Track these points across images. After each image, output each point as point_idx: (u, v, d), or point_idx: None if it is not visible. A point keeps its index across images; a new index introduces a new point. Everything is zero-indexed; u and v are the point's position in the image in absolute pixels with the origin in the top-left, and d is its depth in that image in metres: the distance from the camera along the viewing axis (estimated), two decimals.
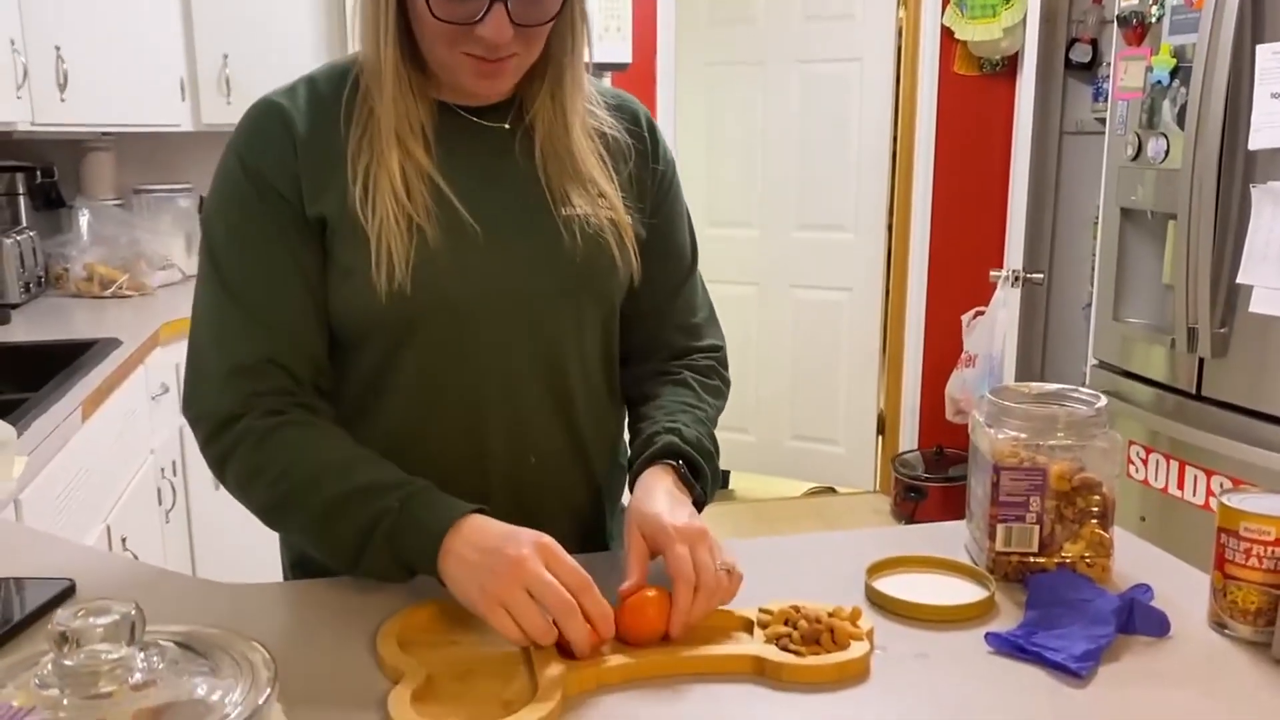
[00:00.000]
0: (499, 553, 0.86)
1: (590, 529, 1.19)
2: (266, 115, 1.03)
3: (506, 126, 1.07)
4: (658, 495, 1.00)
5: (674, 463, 1.05)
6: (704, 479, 1.07)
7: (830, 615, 0.91)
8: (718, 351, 1.22)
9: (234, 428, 0.98)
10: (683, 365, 1.18)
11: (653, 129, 1.16)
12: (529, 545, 0.87)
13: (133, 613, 0.58)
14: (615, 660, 0.86)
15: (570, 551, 1.13)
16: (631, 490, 1.05)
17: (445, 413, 1.07)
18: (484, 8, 0.94)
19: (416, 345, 1.04)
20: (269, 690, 0.59)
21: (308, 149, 1.01)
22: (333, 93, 1.04)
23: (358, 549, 0.94)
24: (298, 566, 1.17)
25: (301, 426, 1.00)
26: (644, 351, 1.19)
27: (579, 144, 1.07)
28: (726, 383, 1.21)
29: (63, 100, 2.60)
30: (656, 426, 1.09)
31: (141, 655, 0.59)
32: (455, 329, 1.04)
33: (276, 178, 1.01)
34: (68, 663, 0.57)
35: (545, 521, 1.13)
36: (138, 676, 0.58)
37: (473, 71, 0.99)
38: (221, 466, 1.00)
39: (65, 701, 0.56)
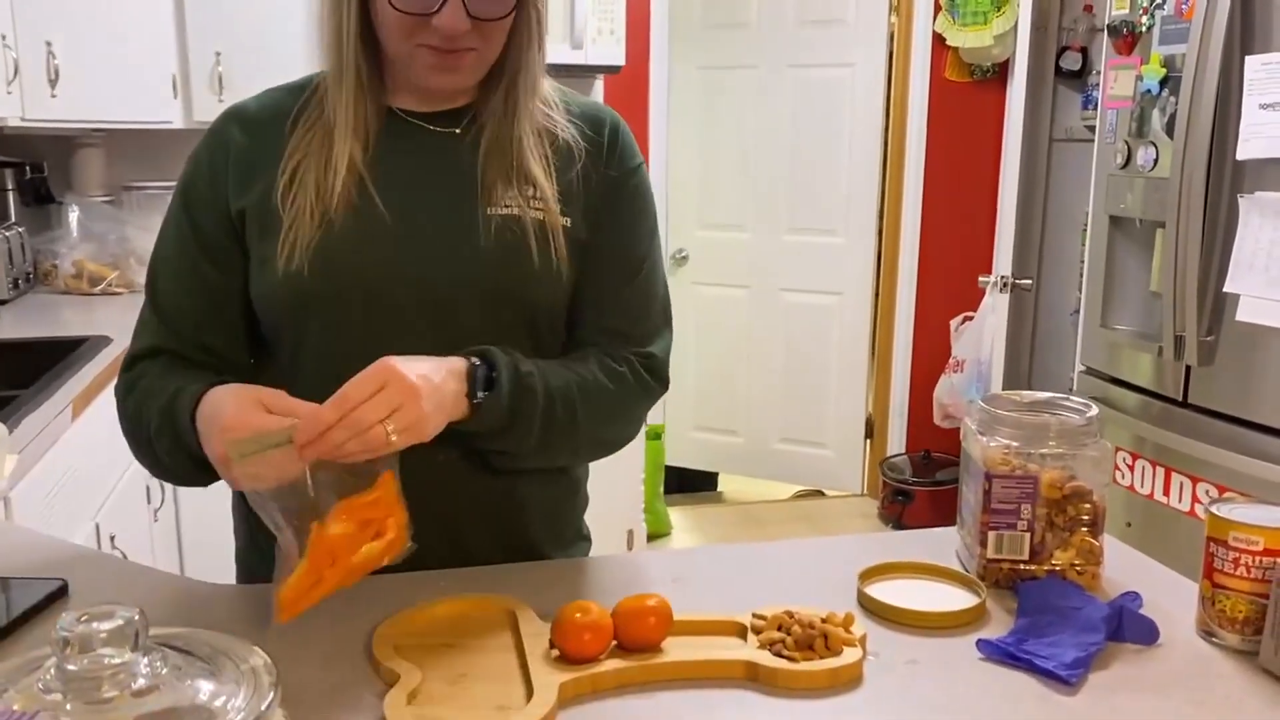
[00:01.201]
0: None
1: (513, 542, 1.13)
2: (222, 118, 1.11)
3: (457, 132, 1.08)
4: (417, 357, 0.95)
5: (473, 360, 0.99)
6: (498, 394, 0.99)
7: (824, 621, 0.92)
8: (649, 358, 1.12)
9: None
10: (600, 349, 1.10)
11: (615, 135, 1.13)
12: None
13: (136, 618, 0.59)
14: (610, 665, 0.87)
15: (491, 562, 1.09)
16: None
17: None
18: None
19: (316, 332, 1.06)
20: (271, 695, 0.60)
21: (246, 148, 1.08)
22: (292, 99, 1.10)
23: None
24: (241, 564, 1.21)
25: (155, 376, 1.06)
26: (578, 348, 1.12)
27: (522, 139, 1.07)
28: (642, 382, 1.11)
29: (53, 96, 2.58)
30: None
31: (145, 660, 0.59)
32: (352, 315, 1.04)
33: (205, 180, 1.08)
34: (71, 667, 0.57)
35: (462, 527, 1.09)
36: (140, 682, 0.58)
37: (429, 63, 1.02)
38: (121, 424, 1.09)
39: (68, 706, 0.56)
